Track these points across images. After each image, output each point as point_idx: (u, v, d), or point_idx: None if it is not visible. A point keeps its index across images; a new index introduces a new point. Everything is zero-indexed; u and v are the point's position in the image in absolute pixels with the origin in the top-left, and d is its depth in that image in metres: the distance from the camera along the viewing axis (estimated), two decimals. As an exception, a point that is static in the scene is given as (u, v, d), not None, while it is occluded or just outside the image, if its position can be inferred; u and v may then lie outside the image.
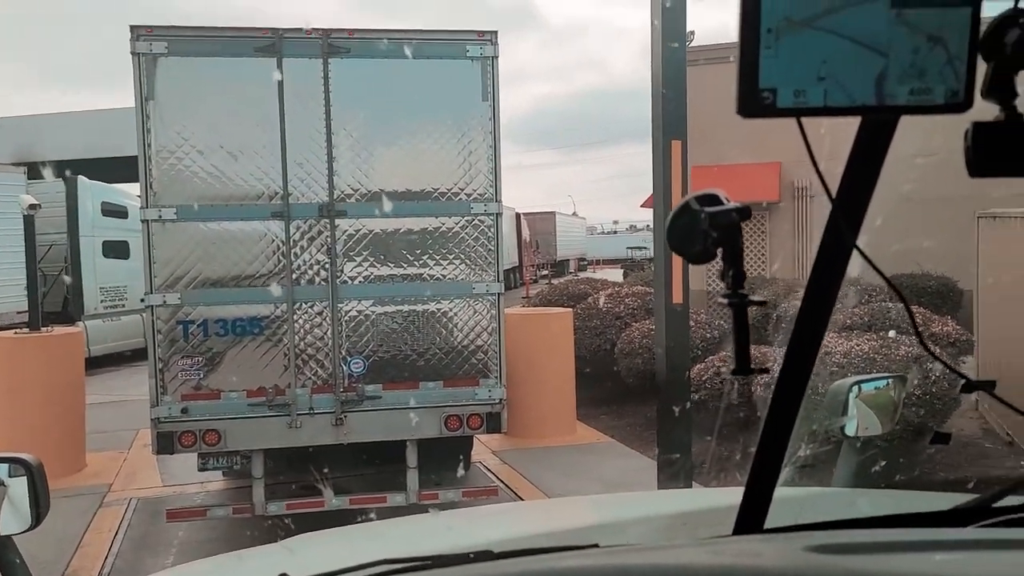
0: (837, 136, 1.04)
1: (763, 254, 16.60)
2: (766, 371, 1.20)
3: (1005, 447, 7.85)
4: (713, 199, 0.99)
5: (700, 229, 0.98)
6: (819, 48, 0.84)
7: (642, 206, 17.32)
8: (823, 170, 0.99)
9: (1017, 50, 0.84)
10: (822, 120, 0.88)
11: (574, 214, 56.28)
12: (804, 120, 0.90)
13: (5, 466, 1.66)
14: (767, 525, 1.25)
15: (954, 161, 0.95)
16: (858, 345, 7.13)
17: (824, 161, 0.99)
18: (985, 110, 0.88)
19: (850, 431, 2.09)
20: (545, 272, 38.14)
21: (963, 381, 1.23)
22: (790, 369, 1.16)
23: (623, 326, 10.53)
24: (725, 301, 1.02)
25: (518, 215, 34.72)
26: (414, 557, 1.19)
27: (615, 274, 26.58)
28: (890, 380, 2.16)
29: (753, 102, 0.85)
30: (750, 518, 1.24)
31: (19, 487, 1.62)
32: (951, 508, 1.29)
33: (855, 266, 1.17)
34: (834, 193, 1.02)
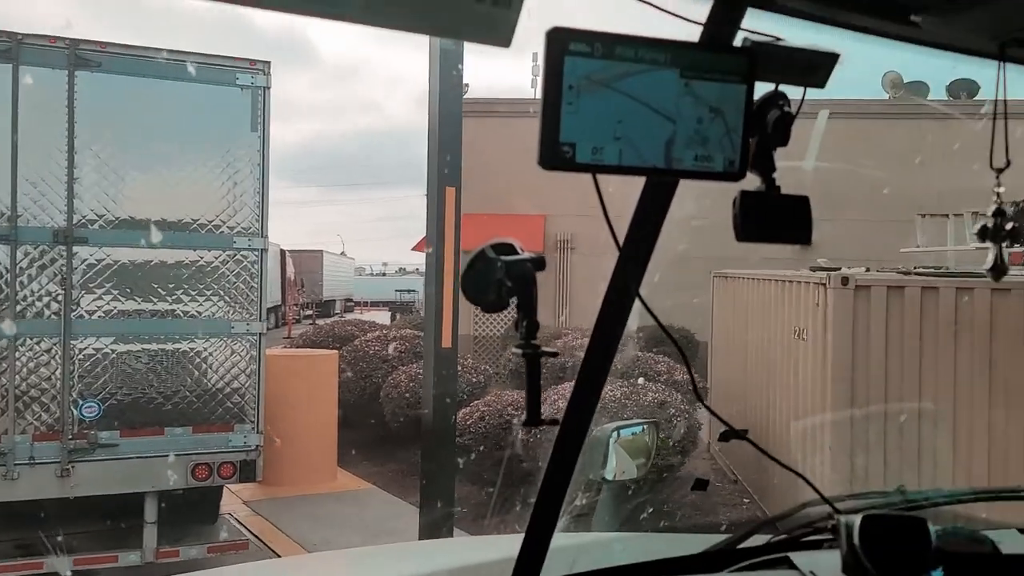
0: (618, 194, 1.06)
1: (526, 302, 17.28)
2: (557, 422, 1.19)
3: (731, 485, 8.67)
4: (509, 248, 0.98)
5: (495, 278, 0.97)
6: (616, 109, 0.86)
7: (413, 249, 17.44)
8: (596, 225, 1.01)
9: (776, 128, 0.91)
10: (611, 177, 0.90)
11: (342, 254, 55.44)
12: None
13: None
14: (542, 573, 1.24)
15: (691, 223, 1.02)
16: (611, 391, 7.57)
17: (606, 214, 1.01)
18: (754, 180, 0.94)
19: (609, 475, 2.16)
20: (309, 312, 37.05)
21: (723, 429, 1.30)
22: (573, 414, 1.17)
23: (390, 369, 10.42)
24: (519, 352, 1.00)
25: (283, 252, 33.54)
26: None
27: (383, 316, 26.43)
28: (645, 426, 2.27)
29: (554, 155, 0.86)
30: (527, 569, 1.22)
31: None
32: (703, 551, 1.35)
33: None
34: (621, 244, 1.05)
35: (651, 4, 0.92)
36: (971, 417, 5.77)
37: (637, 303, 1.11)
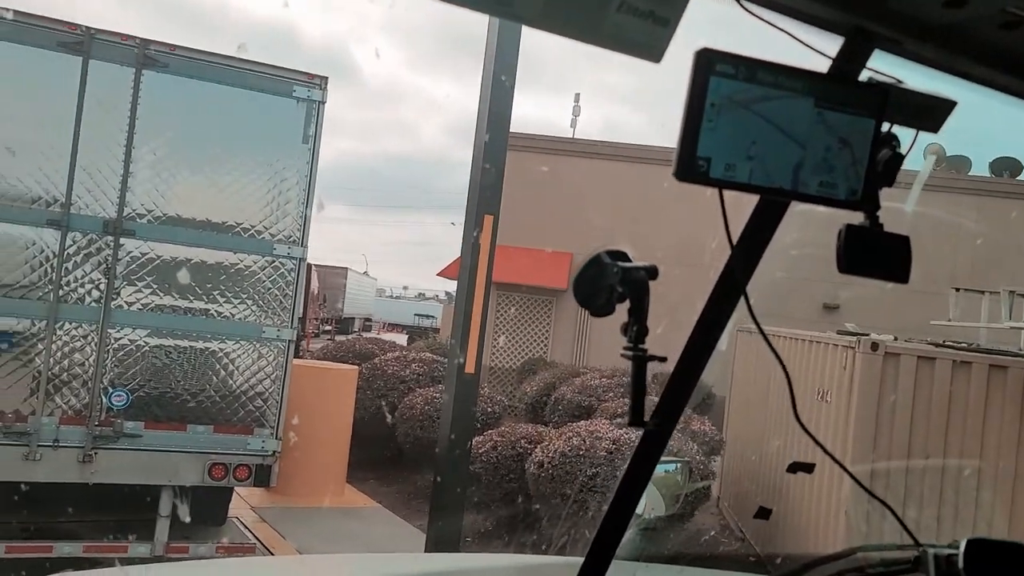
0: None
1: (546, 338, 17.31)
2: (659, 425, 1.24)
3: (738, 543, 8.58)
4: (622, 255, 1.04)
5: (607, 283, 1.02)
6: (752, 129, 0.93)
7: (439, 274, 17.52)
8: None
9: (886, 168, 0.97)
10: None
11: (365, 273, 55.75)
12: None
13: None
14: None
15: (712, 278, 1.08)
16: (624, 433, 7.55)
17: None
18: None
19: (639, 510, 2.19)
20: (328, 328, 37.23)
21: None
22: (663, 411, 1.21)
23: (407, 390, 10.45)
24: (629, 354, 1.05)
25: (310, 266, 33.84)
26: None
27: (400, 338, 26.49)
28: (678, 464, 2.31)
29: (689, 168, 0.92)
30: (595, 565, 1.25)
31: None
32: None
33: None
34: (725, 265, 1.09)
35: (786, 32, 0.98)
36: (994, 493, 5.72)
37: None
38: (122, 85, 5.47)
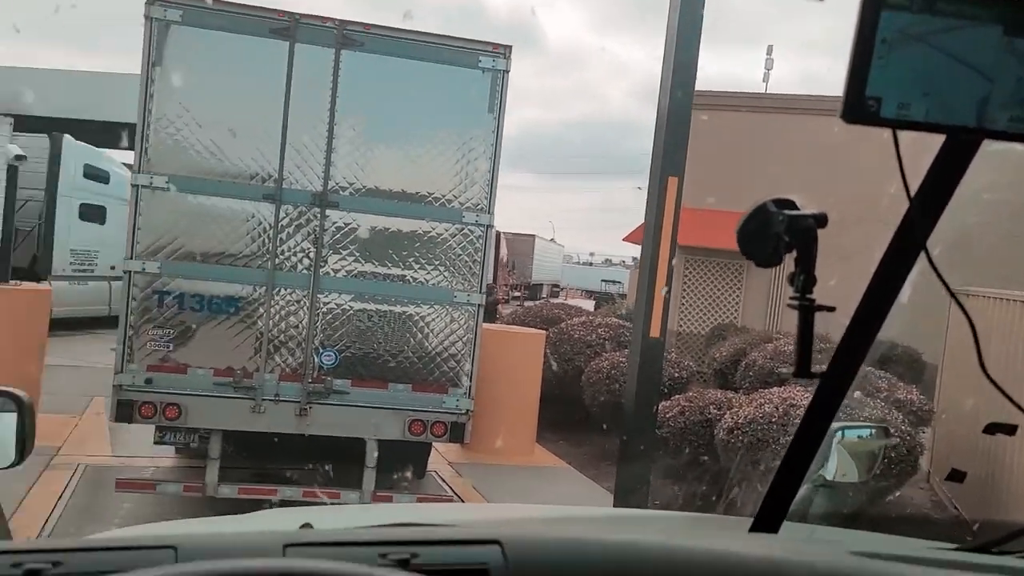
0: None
1: (736, 302, 16.78)
2: (825, 376, 1.21)
3: (951, 519, 7.98)
4: (789, 204, 1.01)
5: (773, 232, 1.00)
6: (928, 64, 0.86)
7: (625, 239, 17.42)
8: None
9: None
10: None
11: (552, 240, 56.48)
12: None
13: None
14: None
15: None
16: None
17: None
18: None
19: (828, 475, 2.11)
20: (517, 294, 38.19)
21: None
22: (837, 366, 1.18)
23: (593, 355, 10.56)
24: (795, 304, 1.03)
25: (498, 234, 34.78)
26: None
27: (587, 304, 26.68)
28: (874, 430, 2.19)
29: (858, 108, 0.87)
30: (769, 518, 1.24)
31: (7, 422, 1.58)
32: (955, 548, 1.31)
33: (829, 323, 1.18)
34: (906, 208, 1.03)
35: None
36: None
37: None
38: (324, 66, 5.85)
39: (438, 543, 0.96)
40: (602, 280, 48.96)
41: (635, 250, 21.56)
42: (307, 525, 1.32)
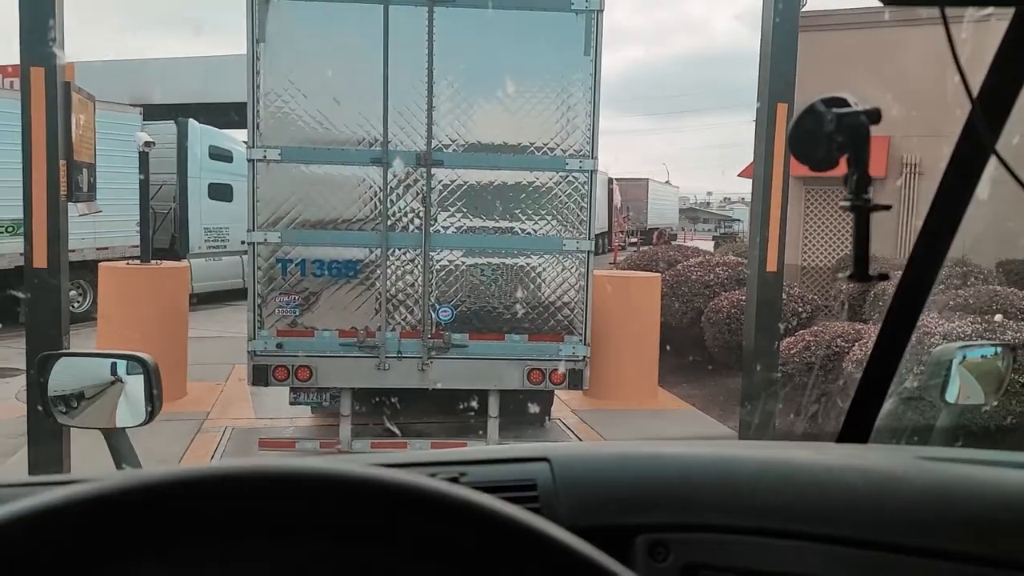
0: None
1: (864, 231, 15.95)
2: (886, 277, 1.16)
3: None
4: (841, 102, 0.96)
5: (824, 132, 0.95)
6: None
7: (740, 175, 16.83)
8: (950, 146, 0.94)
9: None
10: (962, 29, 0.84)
11: (667, 182, 55.28)
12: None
13: (124, 363, 1.77)
14: None
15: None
16: (960, 327, 6.82)
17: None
18: None
19: (951, 397, 2.02)
20: (634, 240, 37.73)
21: None
22: (911, 279, 1.13)
23: (711, 295, 10.35)
24: (849, 204, 0.99)
25: (611, 180, 34.34)
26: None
27: (707, 245, 26.07)
28: (999, 349, 2.07)
29: None
30: (855, 429, 1.22)
31: (136, 384, 1.73)
32: None
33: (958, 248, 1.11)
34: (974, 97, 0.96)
35: None
36: None
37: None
38: (418, 25, 5.90)
39: (487, 462, 0.99)
40: (719, 218, 47.59)
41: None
42: None
